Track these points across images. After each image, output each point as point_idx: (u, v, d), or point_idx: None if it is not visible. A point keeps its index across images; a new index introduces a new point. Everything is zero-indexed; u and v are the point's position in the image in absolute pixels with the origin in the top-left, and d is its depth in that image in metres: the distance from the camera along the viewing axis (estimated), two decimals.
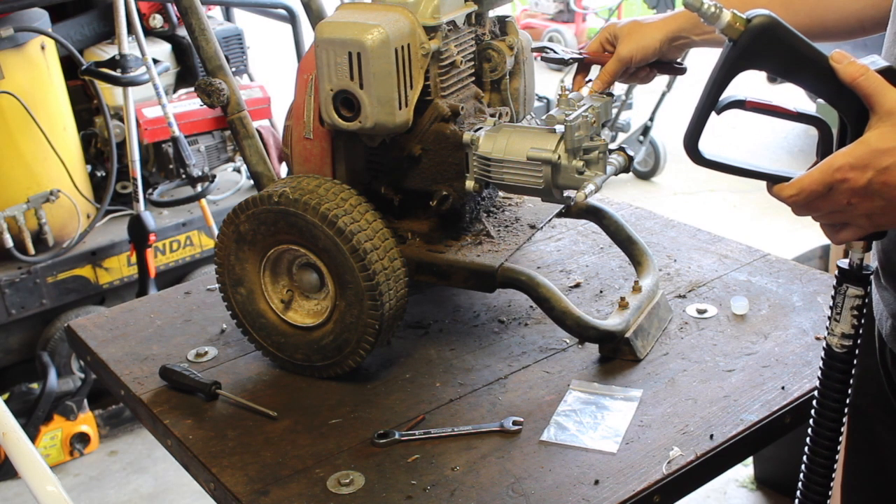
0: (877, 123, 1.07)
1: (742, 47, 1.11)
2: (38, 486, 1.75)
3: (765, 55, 1.11)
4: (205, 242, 3.73)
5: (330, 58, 1.46)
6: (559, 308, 1.54)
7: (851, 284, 1.17)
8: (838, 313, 1.18)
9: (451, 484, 1.31)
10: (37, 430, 3.26)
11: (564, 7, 8.36)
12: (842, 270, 1.18)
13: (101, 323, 1.82)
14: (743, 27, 1.10)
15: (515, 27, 1.69)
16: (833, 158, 1.08)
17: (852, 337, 1.19)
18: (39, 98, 3.33)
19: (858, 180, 1.06)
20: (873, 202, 1.07)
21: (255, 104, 3.83)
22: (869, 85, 1.07)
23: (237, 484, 1.34)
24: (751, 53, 1.11)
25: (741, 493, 3.08)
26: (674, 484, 1.31)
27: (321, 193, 1.46)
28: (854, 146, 1.07)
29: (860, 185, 1.06)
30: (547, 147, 1.46)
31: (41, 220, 3.36)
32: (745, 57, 1.12)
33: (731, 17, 1.11)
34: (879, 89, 1.07)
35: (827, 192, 1.08)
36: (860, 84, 1.08)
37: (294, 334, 1.56)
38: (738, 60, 1.12)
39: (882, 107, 1.06)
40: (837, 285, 1.18)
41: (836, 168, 1.07)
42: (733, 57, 1.12)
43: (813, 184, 1.09)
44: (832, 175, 1.07)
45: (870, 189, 1.06)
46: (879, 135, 1.06)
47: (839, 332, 1.18)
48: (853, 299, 1.17)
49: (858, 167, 1.06)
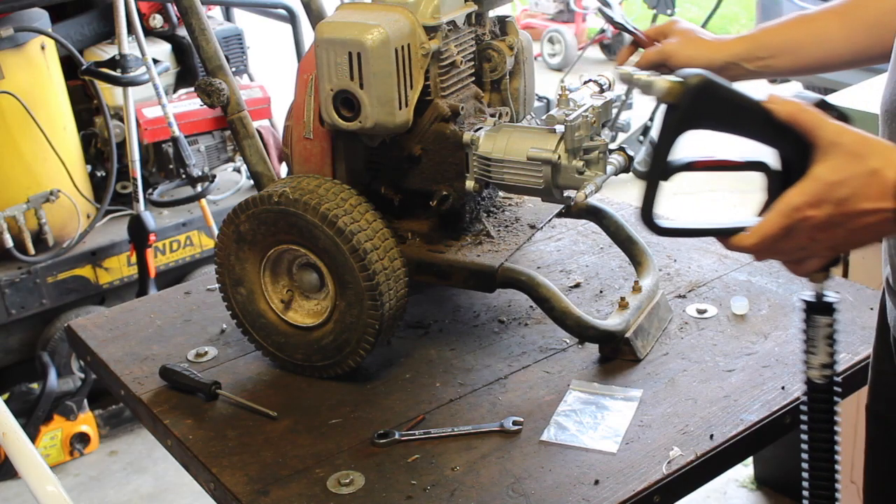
0: (822, 157, 1.06)
1: (684, 111, 1.10)
2: (38, 486, 1.75)
3: (705, 114, 1.10)
4: (205, 242, 3.72)
5: (330, 58, 1.46)
6: (559, 308, 1.54)
7: (820, 315, 1.17)
8: (814, 346, 1.18)
9: (451, 484, 1.31)
10: (37, 430, 3.26)
11: (564, 7, 8.35)
12: (809, 304, 1.18)
13: (101, 323, 1.82)
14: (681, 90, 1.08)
15: (515, 27, 1.69)
16: (788, 199, 1.07)
17: (830, 365, 1.18)
18: (39, 98, 3.33)
19: (818, 216, 1.06)
20: (835, 233, 1.07)
21: (255, 104, 3.83)
22: (807, 120, 1.07)
23: (237, 484, 1.34)
24: (692, 115, 1.10)
25: (741, 493, 3.08)
26: (674, 484, 1.31)
27: (321, 193, 1.46)
28: (807, 183, 1.07)
29: (821, 220, 1.06)
30: (547, 147, 1.46)
31: (41, 220, 3.36)
32: (686, 119, 1.10)
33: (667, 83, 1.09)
34: (818, 123, 1.07)
35: (788, 233, 1.09)
36: (799, 120, 1.08)
37: (294, 334, 1.56)
38: (681, 124, 1.11)
39: (824, 139, 1.06)
40: (806, 318, 1.18)
41: (794, 208, 1.07)
42: (676, 121, 1.10)
43: (773, 228, 1.09)
44: (791, 216, 1.07)
45: (831, 222, 1.06)
46: (829, 168, 1.06)
47: (818, 363, 1.18)
48: (825, 329, 1.17)
49: (815, 203, 1.06)
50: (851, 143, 1.06)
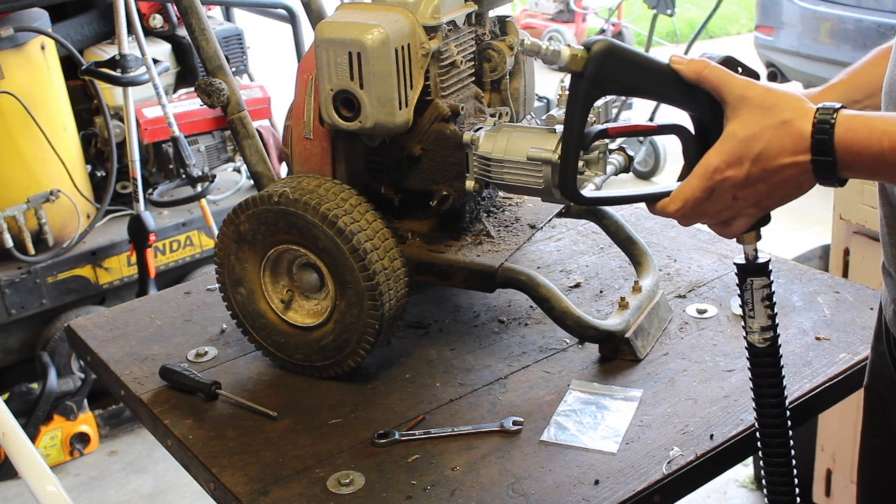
0: (733, 113, 1.06)
1: (590, 77, 1.11)
2: (38, 486, 1.75)
3: (612, 78, 1.11)
4: (205, 242, 3.73)
5: (330, 58, 1.46)
6: (559, 308, 1.54)
7: (755, 277, 1.17)
8: (751, 309, 1.18)
9: (451, 484, 1.31)
10: (37, 430, 3.26)
11: (564, 7, 8.36)
12: (741, 266, 1.18)
13: (101, 323, 1.82)
14: (585, 56, 1.10)
15: (515, 27, 1.69)
16: (707, 161, 1.08)
17: (772, 328, 1.18)
18: (39, 98, 3.34)
19: (738, 175, 1.06)
20: (757, 189, 1.07)
21: (255, 104, 3.84)
22: (714, 76, 1.07)
23: (237, 484, 1.34)
24: (599, 80, 1.11)
25: (741, 493, 3.08)
26: (674, 484, 1.31)
27: (321, 193, 1.46)
28: (722, 142, 1.07)
29: (741, 178, 1.06)
30: (547, 147, 1.46)
31: (41, 220, 3.36)
32: (594, 85, 1.11)
33: (570, 50, 1.10)
34: (725, 78, 1.07)
35: (710, 195, 1.09)
36: (705, 77, 1.08)
37: (294, 334, 1.56)
38: (590, 91, 1.12)
39: (733, 95, 1.06)
40: (741, 282, 1.18)
41: (714, 169, 1.07)
42: (585, 88, 1.12)
43: (695, 191, 1.09)
44: (711, 177, 1.07)
45: (750, 179, 1.06)
46: (741, 123, 1.05)
47: (757, 326, 1.18)
48: (761, 290, 1.17)
49: (734, 162, 1.06)
50: (759, 96, 1.05)
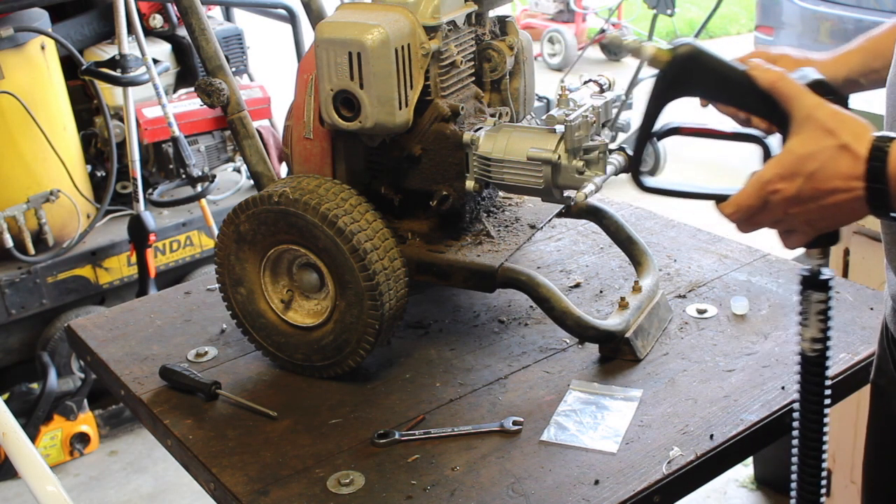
0: (797, 129, 1.07)
1: (669, 77, 1.13)
2: (38, 486, 1.75)
3: (691, 82, 1.14)
4: (205, 242, 3.73)
5: (330, 58, 1.46)
6: (559, 308, 1.54)
7: (814, 290, 1.17)
8: (806, 319, 1.19)
9: (451, 484, 1.31)
10: (37, 430, 3.26)
11: (564, 7, 8.36)
12: (804, 278, 1.18)
13: (101, 323, 1.82)
14: (668, 57, 1.12)
15: (515, 27, 1.69)
16: (763, 171, 1.09)
17: (822, 340, 1.19)
18: (39, 98, 3.33)
19: (789, 190, 1.06)
20: (808, 208, 1.07)
21: (255, 104, 3.84)
22: (786, 89, 1.07)
23: (237, 484, 1.34)
24: (678, 82, 1.14)
25: (741, 493, 3.08)
26: (674, 484, 1.31)
27: (321, 193, 1.46)
28: (780, 156, 1.07)
29: (791, 193, 1.07)
30: (547, 147, 1.46)
31: (41, 220, 3.36)
32: (673, 86, 1.14)
33: (656, 50, 1.13)
34: (796, 93, 1.07)
35: (763, 205, 1.09)
36: (779, 89, 1.08)
37: (294, 334, 1.56)
38: (667, 90, 1.14)
39: (800, 111, 1.06)
40: (802, 292, 1.19)
41: (766, 181, 1.08)
42: (662, 87, 1.14)
43: (748, 199, 1.10)
44: (763, 188, 1.08)
45: (801, 197, 1.06)
46: (801, 141, 1.06)
47: (809, 336, 1.19)
48: (817, 304, 1.18)
49: (787, 177, 1.06)
50: (825, 117, 1.05)
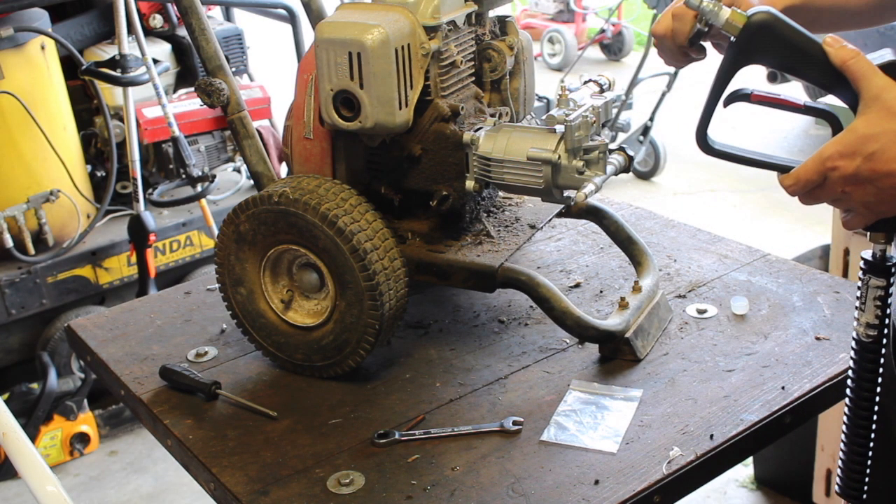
0: (864, 109, 1.06)
1: (742, 44, 1.12)
2: (38, 486, 1.75)
3: (764, 50, 1.13)
4: (205, 242, 3.73)
5: (330, 58, 1.46)
6: (559, 308, 1.54)
7: (873, 276, 1.17)
8: (863, 303, 1.18)
9: (451, 484, 1.31)
10: (37, 430, 3.26)
11: (564, 7, 8.36)
12: (866, 262, 1.17)
13: (101, 323, 1.82)
14: (742, 24, 1.11)
15: (515, 27, 1.69)
16: (825, 147, 1.08)
17: (877, 327, 1.19)
18: (39, 98, 3.33)
19: (847, 168, 1.06)
20: (865, 189, 1.07)
21: (255, 104, 3.84)
22: (858, 68, 1.07)
23: (237, 484, 1.34)
24: (751, 49, 1.13)
25: (741, 493, 3.08)
26: (674, 484, 1.31)
27: (321, 193, 1.46)
28: (844, 134, 1.07)
29: (849, 172, 1.06)
30: (547, 147, 1.46)
31: (41, 220, 3.36)
32: (745, 52, 1.13)
33: (732, 14, 1.12)
34: (867, 73, 1.06)
35: (822, 181, 1.09)
36: (850, 67, 1.07)
37: (294, 334, 1.56)
38: (738, 57, 1.13)
39: (868, 91, 1.06)
40: (862, 276, 1.18)
41: (827, 157, 1.07)
42: (734, 53, 1.14)
43: (807, 173, 1.09)
44: (823, 164, 1.08)
45: (859, 177, 1.06)
46: (866, 121, 1.05)
47: (864, 321, 1.19)
48: (875, 290, 1.17)
49: (847, 155, 1.06)
50: (893, 99, 1.05)
